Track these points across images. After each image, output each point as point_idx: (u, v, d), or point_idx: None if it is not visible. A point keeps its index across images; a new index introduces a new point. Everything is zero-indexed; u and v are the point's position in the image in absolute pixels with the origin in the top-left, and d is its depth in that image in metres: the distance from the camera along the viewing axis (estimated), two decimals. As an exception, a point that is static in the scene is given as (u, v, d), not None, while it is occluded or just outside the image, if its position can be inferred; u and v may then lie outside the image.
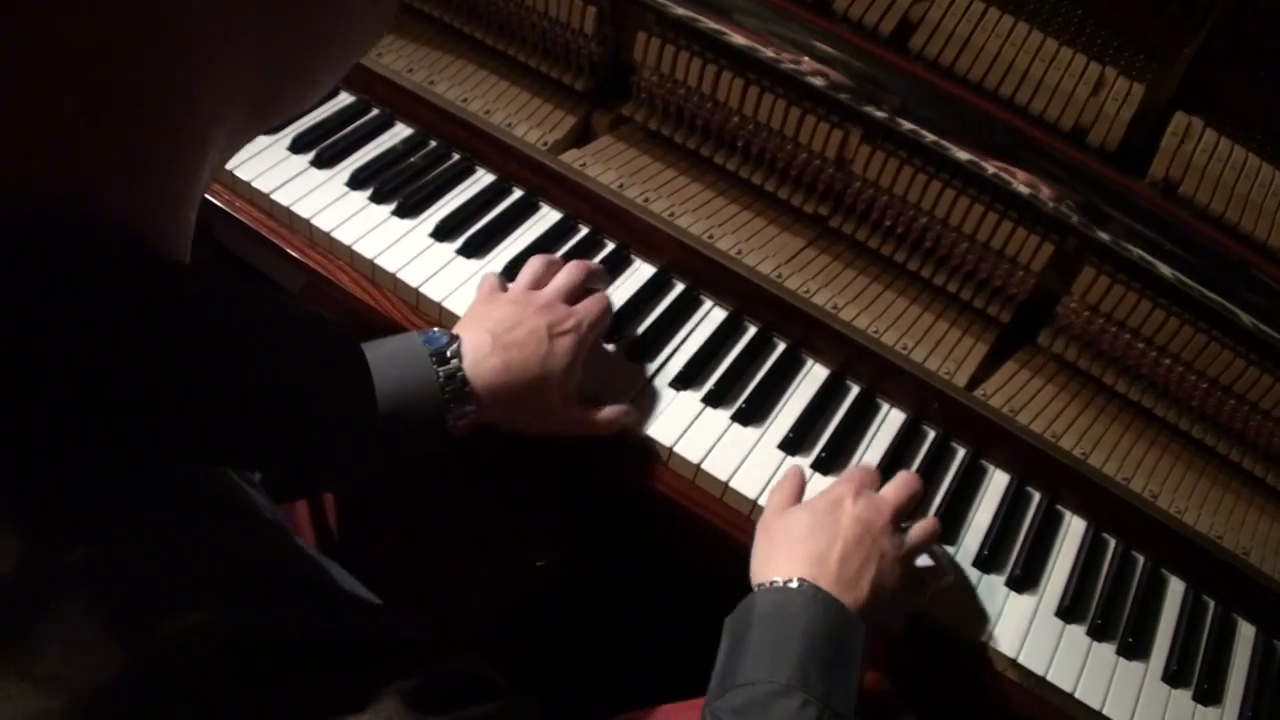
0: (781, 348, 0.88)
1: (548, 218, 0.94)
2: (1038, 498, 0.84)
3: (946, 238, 0.85)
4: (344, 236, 0.87)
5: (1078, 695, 0.73)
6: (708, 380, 0.84)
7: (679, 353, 0.86)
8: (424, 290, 0.85)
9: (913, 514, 0.74)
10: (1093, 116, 0.78)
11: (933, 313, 0.89)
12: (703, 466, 0.78)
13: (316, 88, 0.36)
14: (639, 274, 0.91)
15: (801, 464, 0.80)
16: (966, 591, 0.77)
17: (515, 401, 0.73)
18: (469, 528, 0.98)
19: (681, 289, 0.91)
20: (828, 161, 0.86)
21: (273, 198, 0.89)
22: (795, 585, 0.65)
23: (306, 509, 0.89)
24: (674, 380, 0.83)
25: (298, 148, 0.93)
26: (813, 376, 0.87)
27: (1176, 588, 0.82)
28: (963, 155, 0.79)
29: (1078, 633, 0.76)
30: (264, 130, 0.36)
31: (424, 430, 0.69)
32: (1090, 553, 0.81)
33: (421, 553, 0.95)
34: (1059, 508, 0.84)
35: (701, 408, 0.82)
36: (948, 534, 0.79)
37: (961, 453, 0.86)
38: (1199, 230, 0.76)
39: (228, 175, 0.90)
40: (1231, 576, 0.80)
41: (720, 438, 0.80)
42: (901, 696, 0.75)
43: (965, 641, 0.75)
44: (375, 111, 0.99)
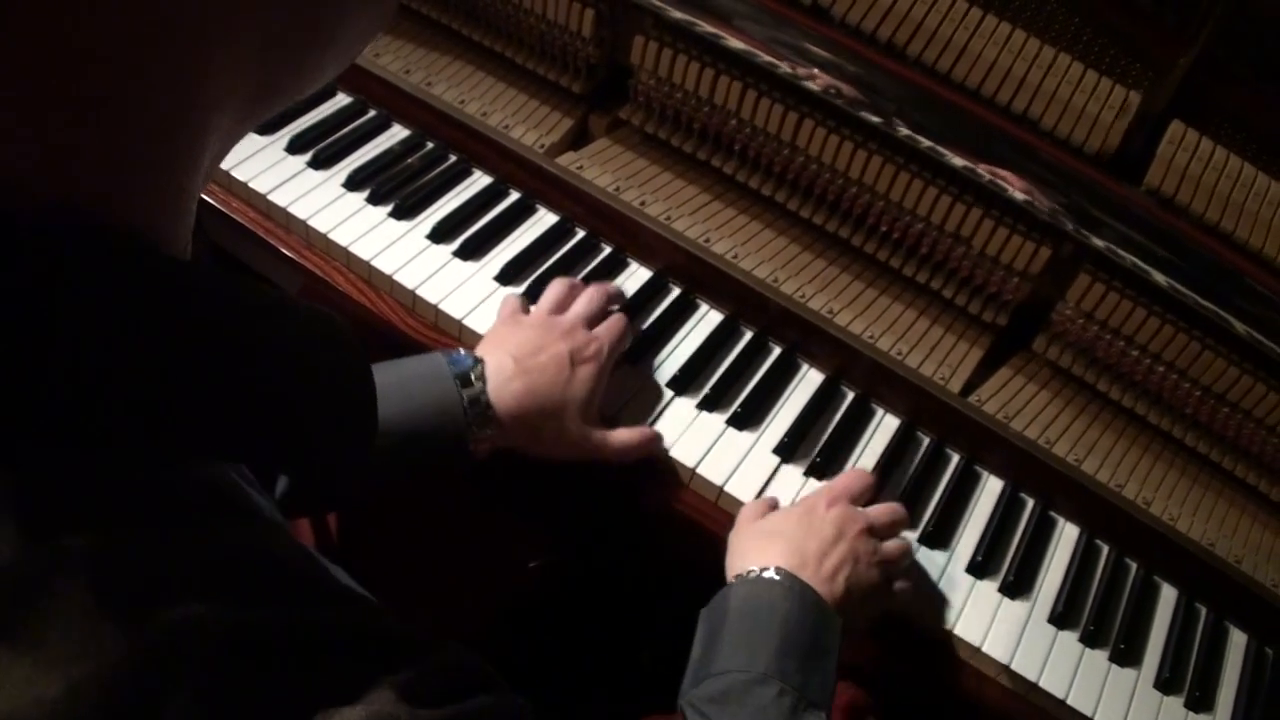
0: (777, 352, 0.88)
1: (544, 220, 0.94)
2: (1031, 504, 0.84)
3: (942, 243, 0.85)
4: (341, 238, 0.87)
5: (1070, 702, 0.73)
6: (703, 385, 0.84)
7: (674, 357, 0.86)
8: (420, 292, 0.85)
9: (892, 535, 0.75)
10: (1089, 124, 0.78)
11: (928, 318, 0.89)
12: (698, 471, 0.79)
13: (317, 81, 0.36)
14: (635, 277, 0.91)
15: (796, 470, 0.81)
16: (959, 597, 0.77)
17: (536, 426, 0.74)
18: (464, 527, 0.98)
19: (677, 293, 0.91)
20: (824, 166, 0.86)
21: (269, 198, 0.89)
22: (774, 576, 0.65)
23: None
24: (669, 384, 0.83)
25: (295, 148, 0.93)
26: (808, 381, 0.87)
27: (1169, 595, 0.82)
28: (959, 161, 0.79)
29: (1070, 639, 0.77)
30: (265, 119, 0.37)
31: (445, 451, 0.71)
32: (1083, 559, 0.81)
33: (417, 552, 0.95)
34: (1052, 514, 0.84)
35: (697, 413, 0.82)
36: (941, 540, 0.79)
37: (955, 458, 0.86)
38: (1194, 238, 0.76)
39: (224, 175, 0.90)
40: (1224, 584, 0.80)
41: (715, 442, 0.81)
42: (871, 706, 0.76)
43: (957, 647, 0.75)
44: (372, 112, 0.99)
